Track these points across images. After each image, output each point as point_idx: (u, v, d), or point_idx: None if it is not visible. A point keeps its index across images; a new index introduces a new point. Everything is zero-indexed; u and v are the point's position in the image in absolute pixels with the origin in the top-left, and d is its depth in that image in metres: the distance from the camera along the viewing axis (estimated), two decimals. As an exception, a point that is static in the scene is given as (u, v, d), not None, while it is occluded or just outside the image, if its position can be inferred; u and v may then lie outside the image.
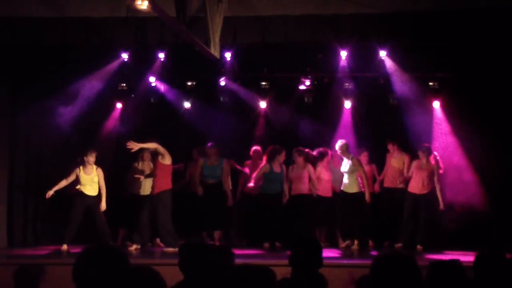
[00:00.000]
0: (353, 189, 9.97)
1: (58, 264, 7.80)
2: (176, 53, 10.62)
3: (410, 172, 9.99)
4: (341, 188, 10.16)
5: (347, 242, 10.05)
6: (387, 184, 10.46)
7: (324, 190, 10.38)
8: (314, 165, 10.36)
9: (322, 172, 10.40)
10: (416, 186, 9.88)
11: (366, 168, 10.33)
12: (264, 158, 10.29)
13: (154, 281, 2.69)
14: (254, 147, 10.83)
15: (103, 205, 9.73)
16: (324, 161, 10.41)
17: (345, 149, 10.00)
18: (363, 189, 9.91)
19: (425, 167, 9.85)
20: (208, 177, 10.31)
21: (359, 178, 9.95)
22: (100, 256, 2.75)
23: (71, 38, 9.27)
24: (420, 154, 9.88)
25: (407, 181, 10.01)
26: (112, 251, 2.80)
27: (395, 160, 10.38)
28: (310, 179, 10.28)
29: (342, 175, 10.08)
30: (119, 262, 2.75)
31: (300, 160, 10.25)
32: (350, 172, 9.96)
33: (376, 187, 10.56)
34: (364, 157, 10.55)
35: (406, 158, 10.30)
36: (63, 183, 9.74)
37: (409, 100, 10.55)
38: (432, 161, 9.87)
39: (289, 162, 10.46)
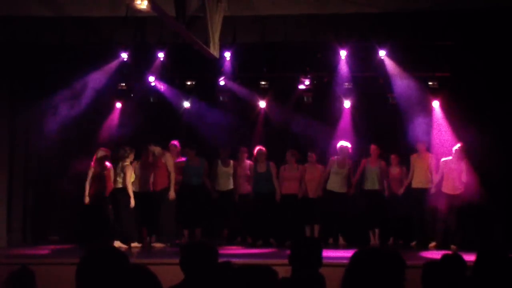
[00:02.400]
0: (343, 189, 10.48)
1: (58, 264, 7.81)
2: (176, 52, 10.63)
3: (439, 173, 10.00)
4: (329, 188, 10.54)
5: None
6: (416, 185, 10.30)
7: (312, 190, 10.58)
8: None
9: (310, 172, 10.61)
10: (448, 186, 9.93)
11: (397, 169, 10.48)
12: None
13: (149, 281, 2.69)
14: (241, 148, 10.91)
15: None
16: (310, 162, 10.69)
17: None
18: (352, 189, 10.52)
19: (456, 167, 9.86)
20: (191, 177, 10.60)
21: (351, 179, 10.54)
22: (102, 256, 2.77)
23: (71, 37, 9.26)
24: (457, 154, 9.88)
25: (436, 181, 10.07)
26: (113, 251, 2.81)
27: (423, 160, 10.28)
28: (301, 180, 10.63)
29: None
30: (119, 262, 2.75)
31: (292, 161, 10.57)
32: (346, 173, 10.48)
33: (401, 190, 10.41)
34: (394, 159, 10.54)
35: (432, 158, 10.24)
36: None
37: (408, 99, 10.55)
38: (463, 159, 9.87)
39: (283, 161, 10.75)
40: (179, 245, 8.47)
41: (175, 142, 10.79)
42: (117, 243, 9.67)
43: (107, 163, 10.16)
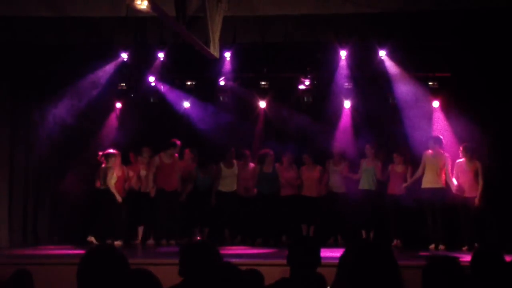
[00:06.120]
0: (342, 189, 10.72)
1: (58, 264, 7.81)
2: (176, 52, 10.63)
3: (454, 174, 9.79)
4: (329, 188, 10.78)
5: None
6: (425, 184, 9.96)
7: (309, 190, 10.72)
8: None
9: (305, 173, 10.77)
10: (463, 188, 9.72)
11: (401, 167, 10.27)
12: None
13: (151, 284, 2.71)
14: (244, 150, 11.02)
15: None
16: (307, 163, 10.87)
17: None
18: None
19: (469, 168, 9.68)
20: (200, 187, 10.88)
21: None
22: (101, 257, 2.79)
23: (71, 38, 9.26)
24: (464, 154, 9.70)
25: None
26: (112, 252, 2.83)
27: (435, 159, 9.95)
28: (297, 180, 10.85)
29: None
30: (119, 263, 2.77)
31: (287, 162, 10.77)
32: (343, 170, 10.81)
33: (408, 182, 10.15)
34: (397, 157, 10.32)
35: (447, 159, 9.92)
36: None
37: (408, 99, 10.54)
38: (476, 160, 9.66)
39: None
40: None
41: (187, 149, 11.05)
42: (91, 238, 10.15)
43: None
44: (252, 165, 10.93)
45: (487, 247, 3.93)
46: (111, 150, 10.42)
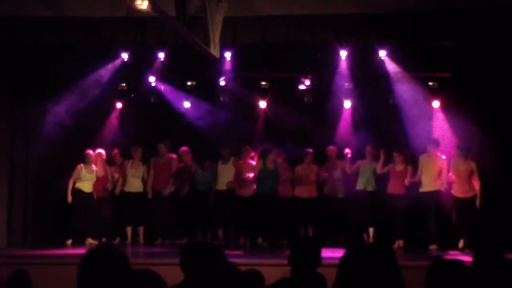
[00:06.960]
0: (340, 194, 10.78)
1: (57, 264, 7.82)
2: (176, 53, 10.63)
3: (450, 174, 9.76)
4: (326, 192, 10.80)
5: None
6: (423, 188, 9.96)
7: (308, 190, 10.68)
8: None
9: (302, 174, 10.69)
10: (458, 189, 9.69)
11: (401, 167, 10.19)
12: (255, 158, 10.62)
13: (157, 285, 2.71)
14: (244, 147, 10.93)
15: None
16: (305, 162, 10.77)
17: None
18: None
19: (464, 168, 9.63)
20: (200, 184, 10.83)
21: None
22: (102, 257, 2.79)
23: (71, 38, 9.26)
24: (458, 154, 9.66)
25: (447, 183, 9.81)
26: (113, 252, 2.83)
27: (431, 162, 9.96)
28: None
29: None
30: (120, 263, 2.77)
31: (282, 160, 10.68)
32: (339, 175, 10.81)
33: (406, 181, 10.07)
34: (397, 156, 10.23)
35: (444, 161, 9.91)
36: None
37: (408, 100, 10.54)
38: (470, 161, 9.60)
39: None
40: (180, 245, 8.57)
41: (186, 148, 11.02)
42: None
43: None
44: (250, 161, 10.81)
45: (489, 248, 3.91)
46: (89, 150, 10.59)
